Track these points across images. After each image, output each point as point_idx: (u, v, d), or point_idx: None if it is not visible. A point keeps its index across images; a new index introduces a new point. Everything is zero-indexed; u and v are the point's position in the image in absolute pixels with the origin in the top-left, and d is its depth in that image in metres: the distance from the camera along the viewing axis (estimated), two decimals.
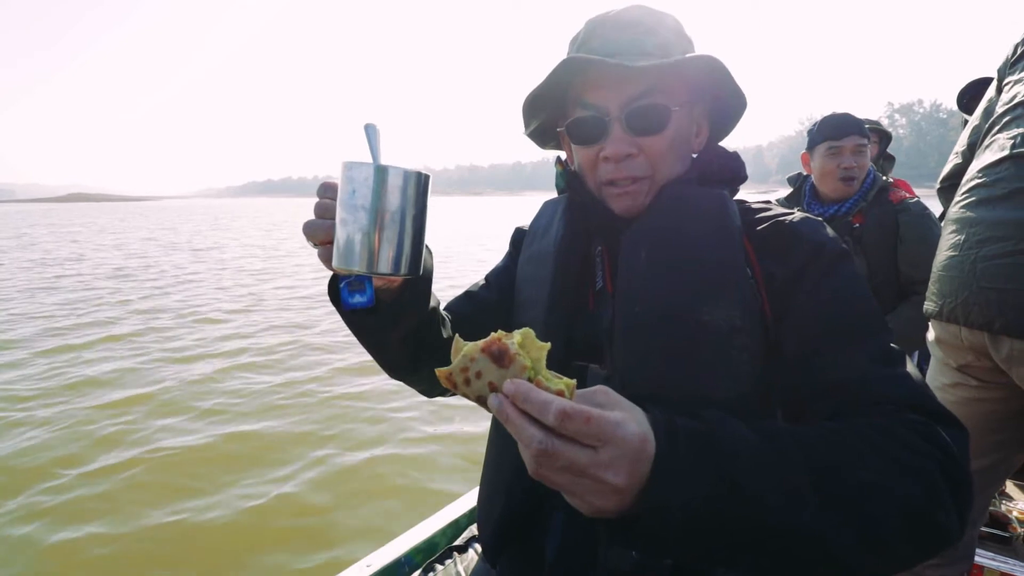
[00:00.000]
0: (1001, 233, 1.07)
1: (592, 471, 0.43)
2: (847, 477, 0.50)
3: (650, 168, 0.76)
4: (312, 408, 4.04)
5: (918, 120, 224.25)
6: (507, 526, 0.78)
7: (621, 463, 0.43)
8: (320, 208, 0.64)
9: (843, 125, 1.97)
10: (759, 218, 0.75)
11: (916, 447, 0.53)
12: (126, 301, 7.96)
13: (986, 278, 1.09)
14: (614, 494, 0.44)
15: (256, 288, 9.18)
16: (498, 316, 0.90)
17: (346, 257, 0.60)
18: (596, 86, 0.74)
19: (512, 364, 0.47)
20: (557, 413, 0.42)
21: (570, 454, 0.43)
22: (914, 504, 0.50)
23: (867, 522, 0.49)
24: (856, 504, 0.49)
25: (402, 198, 0.60)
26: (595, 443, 0.43)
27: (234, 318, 6.96)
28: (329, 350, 5.44)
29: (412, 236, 0.62)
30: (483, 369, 0.48)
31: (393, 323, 0.73)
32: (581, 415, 0.42)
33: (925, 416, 0.57)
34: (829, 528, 0.48)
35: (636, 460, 0.44)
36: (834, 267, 0.68)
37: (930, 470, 0.52)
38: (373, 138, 0.65)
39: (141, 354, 5.31)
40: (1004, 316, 1.06)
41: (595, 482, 0.43)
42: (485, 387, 0.48)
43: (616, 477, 0.43)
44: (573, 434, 0.42)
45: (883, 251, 1.93)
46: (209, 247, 16.76)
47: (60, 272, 11.07)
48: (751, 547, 0.48)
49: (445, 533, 1.43)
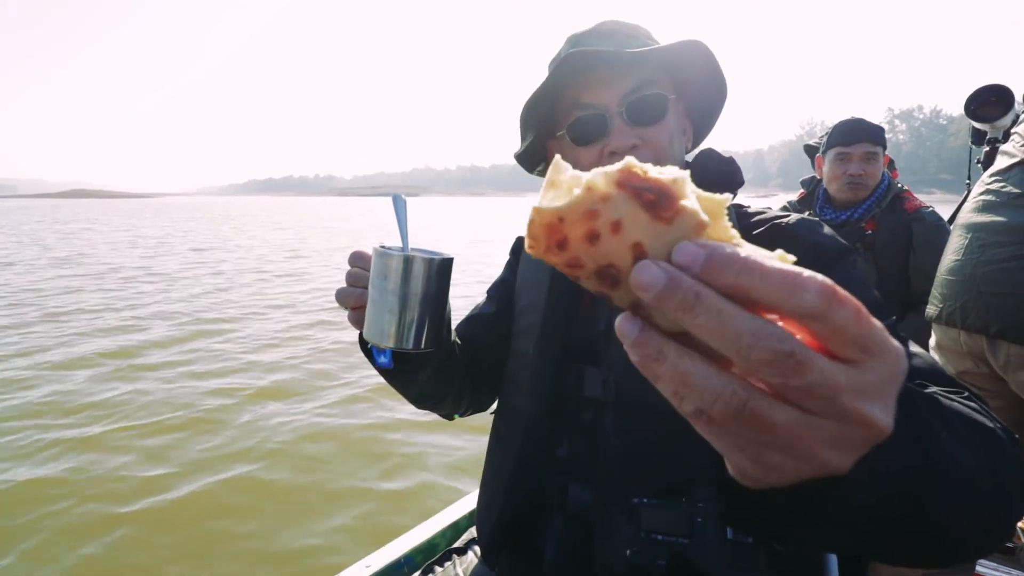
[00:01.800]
0: (1004, 238, 1.07)
1: (846, 399, 0.25)
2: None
3: (655, 159, 0.77)
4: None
5: (918, 126, 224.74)
6: (506, 528, 0.78)
7: (890, 391, 0.27)
8: (351, 277, 0.72)
9: (854, 131, 1.97)
10: (755, 221, 0.77)
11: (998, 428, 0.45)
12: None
13: (986, 282, 1.09)
14: (862, 444, 0.28)
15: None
16: (500, 328, 0.91)
17: (377, 334, 0.68)
18: (592, 85, 0.76)
19: (681, 216, 0.26)
20: (824, 289, 0.24)
21: (827, 369, 0.25)
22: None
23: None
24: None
25: (426, 284, 0.68)
26: (856, 355, 0.26)
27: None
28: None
29: (433, 315, 0.69)
30: (625, 217, 0.26)
31: (418, 371, 0.79)
32: (851, 300, 0.25)
33: (949, 388, 0.52)
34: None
35: (896, 387, 0.28)
36: (835, 264, 0.69)
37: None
38: (401, 211, 0.73)
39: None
40: (1002, 320, 1.06)
41: (843, 422, 0.26)
42: (625, 250, 0.27)
43: (881, 412, 0.26)
44: (833, 333, 0.25)
45: (894, 259, 1.91)
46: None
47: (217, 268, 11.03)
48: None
49: (445, 535, 1.43)
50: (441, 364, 0.81)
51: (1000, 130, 1.99)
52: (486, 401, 0.97)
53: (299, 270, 11.03)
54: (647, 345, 0.27)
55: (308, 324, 6.33)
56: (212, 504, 2.77)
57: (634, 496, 0.69)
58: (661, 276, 0.25)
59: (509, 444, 0.82)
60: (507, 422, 0.86)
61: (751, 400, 0.26)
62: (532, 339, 0.82)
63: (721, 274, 0.25)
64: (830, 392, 0.25)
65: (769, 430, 0.26)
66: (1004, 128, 1.95)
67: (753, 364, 0.25)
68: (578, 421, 0.77)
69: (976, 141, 2.15)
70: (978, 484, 0.38)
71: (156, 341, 5.54)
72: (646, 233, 0.26)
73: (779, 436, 0.27)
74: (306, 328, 6.15)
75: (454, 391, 0.89)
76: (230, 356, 5.11)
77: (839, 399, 0.25)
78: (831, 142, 2.01)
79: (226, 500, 2.81)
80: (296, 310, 7.14)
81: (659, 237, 0.26)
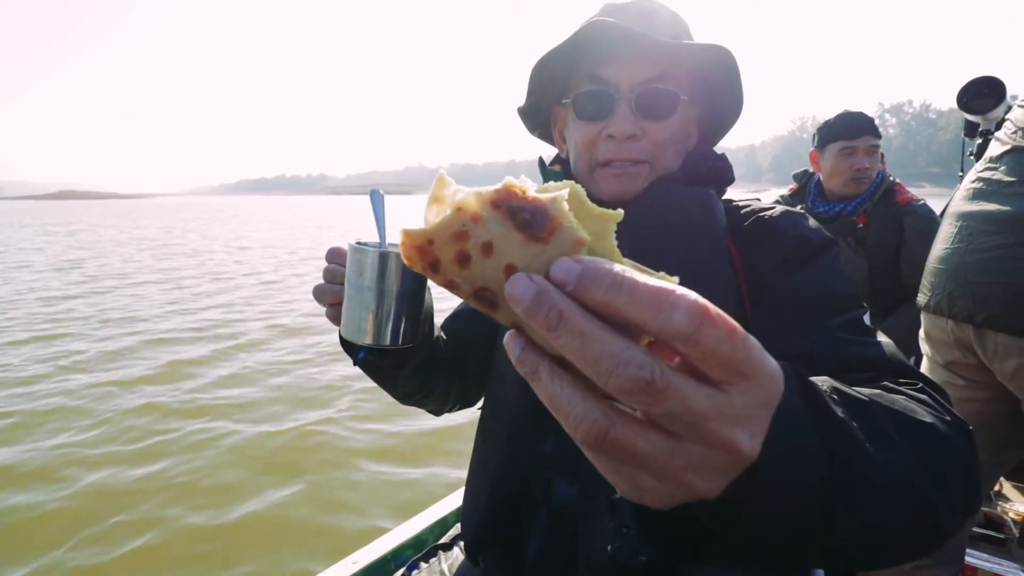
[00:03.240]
0: (993, 227, 1.08)
1: (712, 427, 0.25)
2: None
3: (651, 154, 0.76)
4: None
5: (908, 120, 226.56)
6: (489, 525, 0.78)
7: (758, 415, 0.27)
8: (328, 273, 0.70)
9: (858, 125, 1.95)
10: (742, 215, 0.76)
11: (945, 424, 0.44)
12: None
13: (973, 271, 1.09)
14: (729, 468, 0.27)
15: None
16: (486, 323, 0.90)
17: (354, 331, 0.67)
18: (611, 60, 0.74)
19: (557, 234, 0.25)
20: (694, 308, 0.23)
21: (690, 393, 0.24)
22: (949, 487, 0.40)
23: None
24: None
25: (402, 279, 0.66)
26: (726, 377, 0.25)
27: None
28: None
29: (410, 311, 0.68)
30: (496, 238, 0.25)
31: (400, 365, 0.77)
32: (723, 319, 0.24)
33: (908, 379, 0.53)
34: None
35: (768, 412, 0.27)
36: (816, 256, 0.69)
37: (963, 449, 0.44)
38: (379, 206, 0.72)
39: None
40: (988, 310, 1.06)
41: (708, 447, 0.25)
42: (498, 272, 0.26)
43: (746, 437, 0.26)
44: (700, 354, 0.24)
45: (886, 252, 1.91)
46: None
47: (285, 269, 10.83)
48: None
49: (433, 531, 1.43)
50: (424, 361, 0.80)
51: (992, 122, 1.99)
52: (474, 396, 0.96)
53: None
54: (524, 364, 0.26)
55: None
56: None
57: (616, 492, 0.66)
58: (530, 289, 0.24)
59: (495, 439, 0.82)
60: (493, 417, 0.85)
61: (612, 429, 0.25)
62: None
63: (592, 290, 0.24)
64: (693, 419, 0.24)
65: (633, 457, 0.26)
66: (996, 120, 1.95)
67: (612, 391, 0.24)
68: None
69: (969, 133, 2.15)
70: (905, 487, 0.36)
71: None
72: (520, 254, 0.25)
73: (645, 463, 0.26)
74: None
75: (440, 387, 0.88)
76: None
77: (703, 425, 0.25)
78: (833, 135, 1.98)
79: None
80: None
81: (535, 258, 0.25)
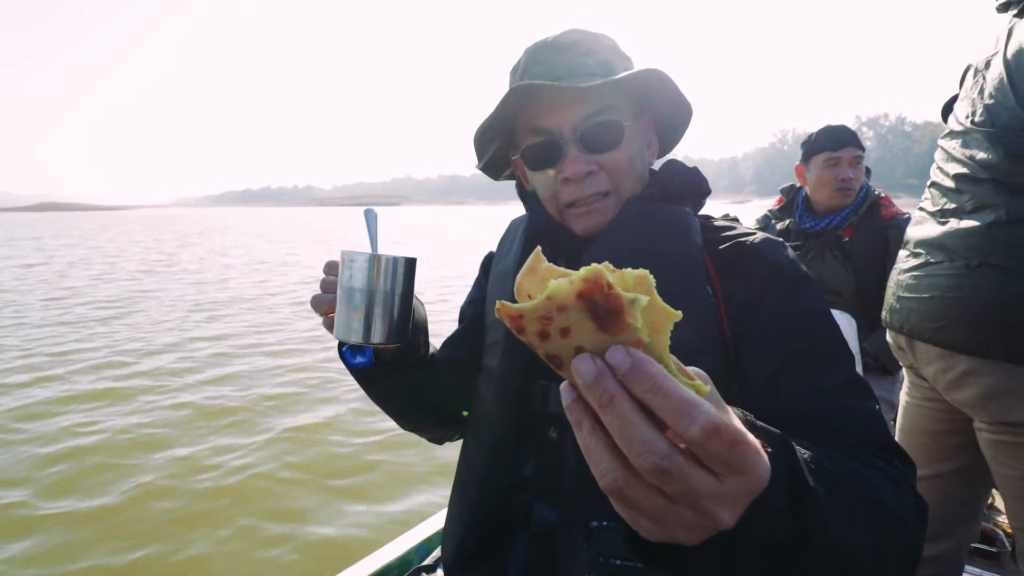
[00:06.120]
0: (920, 249, 1.23)
1: (704, 504, 0.32)
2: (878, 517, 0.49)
3: (612, 183, 0.76)
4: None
5: (884, 132, 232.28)
6: (470, 547, 0.77)
7: (740, 500, 0.34)
8: (324, 284, 0.75)
9: (841, 136, 2.01)
10: (721, 236, 0.76)
11: (903, 493, 0.54)
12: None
13: (902, 288, 1.26)
14: (709, 531, 0.34)
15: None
16: (476, 346, 0.90)
17: (344, 331, 0.71)
18: (546, 110, 0.75)
19: (623, 333, 0.31)
20: (707, 426, 0.30)
21: (694, 480, 0.31)
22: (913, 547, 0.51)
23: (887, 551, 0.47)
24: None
25: (392, 281, 0.71)
26: (723, 472, 0.32)
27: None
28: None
29: (399, 310, 0.73)
30: (574, 325, 0.32)
31: (394, 372, 0.80)
32: (729, 435, 0.31)
33: (883, 452, 0.60)
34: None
35: (749, 498, 0.35)
36: (795, 290, 0.69)
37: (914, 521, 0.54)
38: (372, 223, 0.77)
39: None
40: (909, 321, 1.23)
41: (698, 514, 0.33)
42: (569, 349, 0.33)
43: (727, 515, 0.33)
44: (706, 456, 0.31)
45: (872, 266, 1.94)
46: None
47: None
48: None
49: (418, 551, 1.41)
50: (414, 373, 0.81)
51: None
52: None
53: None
54: (572, 412, 0.34)
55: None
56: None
57: (593, 518, 0.67)
58: (592, 371, 0.31)
59: (475, 462, 0.81)
60: (474, 439, 0.85)
61: (626, 487, 0.32)
62: (497, 355, 0.81)
63: (636, 384, 0.31)
64: (692, 496, 0.32)
65: (638, 508, 0.34)
66: None
67: (638, 467, 0.31)
68: (544, 438, 0.76)
69: None
70: (852, 562, 0.43)
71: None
72: (590, 339, 0.32)
73: (646, 513, 0.34)
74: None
75: (434, 408, 0.89)
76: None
77: (698, 502, 0.32)
78: (817, 147, 2.03)
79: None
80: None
81: (601, 344, 0.32)
